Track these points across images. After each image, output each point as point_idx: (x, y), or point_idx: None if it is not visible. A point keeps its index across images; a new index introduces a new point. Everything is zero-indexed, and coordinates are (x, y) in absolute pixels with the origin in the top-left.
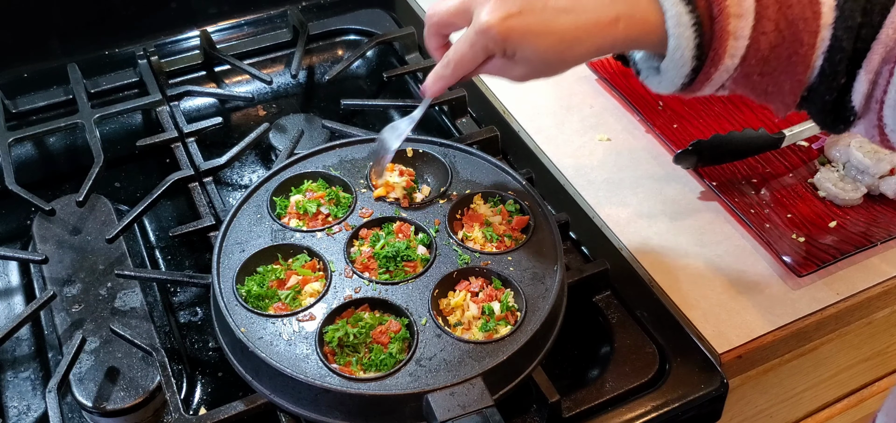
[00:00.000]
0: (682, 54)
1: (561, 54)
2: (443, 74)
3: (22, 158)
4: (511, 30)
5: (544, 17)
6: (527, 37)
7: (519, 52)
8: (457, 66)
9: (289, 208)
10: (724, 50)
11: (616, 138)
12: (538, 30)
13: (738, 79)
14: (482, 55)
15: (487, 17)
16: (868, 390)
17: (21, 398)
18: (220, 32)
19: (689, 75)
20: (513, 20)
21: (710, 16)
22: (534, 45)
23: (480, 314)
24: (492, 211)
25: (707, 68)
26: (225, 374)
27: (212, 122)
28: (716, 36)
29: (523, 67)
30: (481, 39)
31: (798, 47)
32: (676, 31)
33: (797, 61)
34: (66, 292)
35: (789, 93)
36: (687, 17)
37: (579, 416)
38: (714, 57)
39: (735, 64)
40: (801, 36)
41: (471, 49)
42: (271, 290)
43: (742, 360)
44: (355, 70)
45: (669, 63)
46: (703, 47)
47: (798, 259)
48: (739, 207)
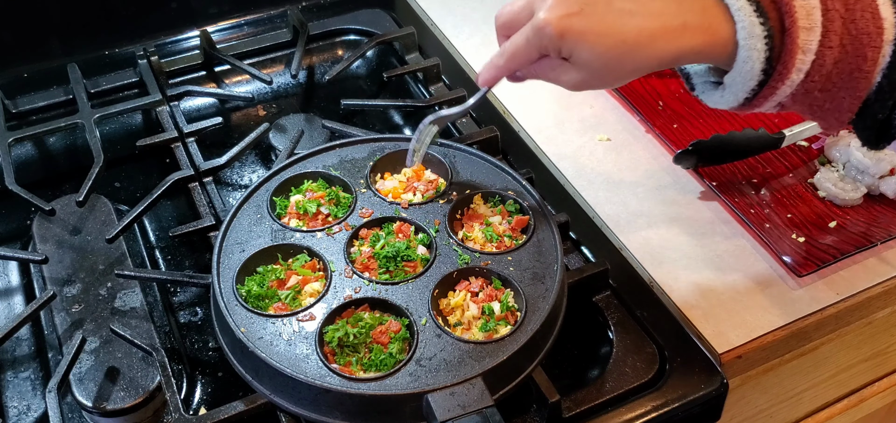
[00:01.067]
0: (752, 67)
1: (620, 59)
2: (496, 64)
3: (22, 158)
4: (569, 28)
5: (606, 18)
6: (585, 36)
7: (575, 54)
8: (510, 58)
9: (289, 208)
10: (792, 64)
11: (616, 138)
12: (598, 30)
13: (798, 95)
14: (536, 52)
15: (547, 13)
16: (868, 390)
17: (21, 398)
18: (220, 32)
19: (755, 89)
20: (572, 19)
21: (781, 27)
22: (592, 46)
23: (480, 314)
24: (492, 211)
25: (773, 82)
26: (225, 374)
27: (212, 122)
28: (786, 49)
29: (579, 72)
30: (537, 36)
31: (861, 63)
32: (748, 42)
33: (859, 77)
34: (66, 292)
35: (847, 110)
36: (759, 28)
37: (579, 416)
38: (782, 71)
39: (800, 78)
40: (864, 51)
41: (526, 44)
42: (271, 290)
43: (742, 360)
44: (355, 70)
45: (737, 76)
46: (771, 61)
47: (798, 259)
48: (739, 207)
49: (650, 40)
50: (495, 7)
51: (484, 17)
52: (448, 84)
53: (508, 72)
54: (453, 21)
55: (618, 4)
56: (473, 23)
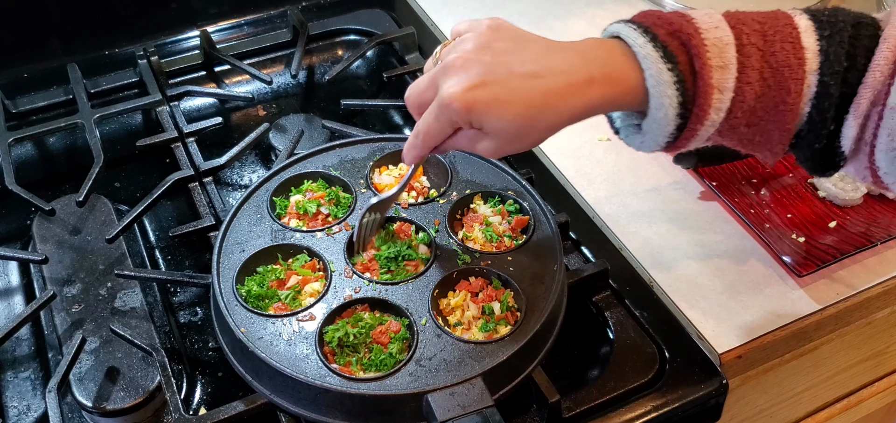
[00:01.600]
0: (666, 113)
1: (530, 122)
2: (414, 145)
3: (22, 158)
4: (474, 101)
5: (509, 86)
6: (491, 107)
7: (485, 124)
8: (426, 138)
9: (289, 208)
10: (708, 105)
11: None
12: (503, 98)
13: (724, 131)
14: (449, 127)
15: (450, 89)
16: (868, 390)
17: (21, 398)
18: (220, 32)
19: (674, 133)
20: (476, 90)
21: (691, 70)
22: (499, 115)
23: (480, 314)
24: (492, 211)
25: (692, 125)
26: (225, 374)
27: (212, 122)
28: (699, 91)
29: (492, 140)
30: (445, 112)
31: (785, 96)
32: (657, 89)
33: (785, 110)
34: (66, 292)
35: (778, 142)
36: (668, 74)
37: (579, 416)
38: (699, 113)
39: (721, 117)
40: (787, 84)
41: (436, 122)
42: (271, 290)
43: (742, 360)
44: (355, 70)
45: (652, 123)
46: (686, 105)
47: (798, 259)
48: (739, 207)
49: (558, 99)
50: (495, 7)
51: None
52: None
53: (427, 150)
54: (453, 21)
55: (519, 69)
56: None
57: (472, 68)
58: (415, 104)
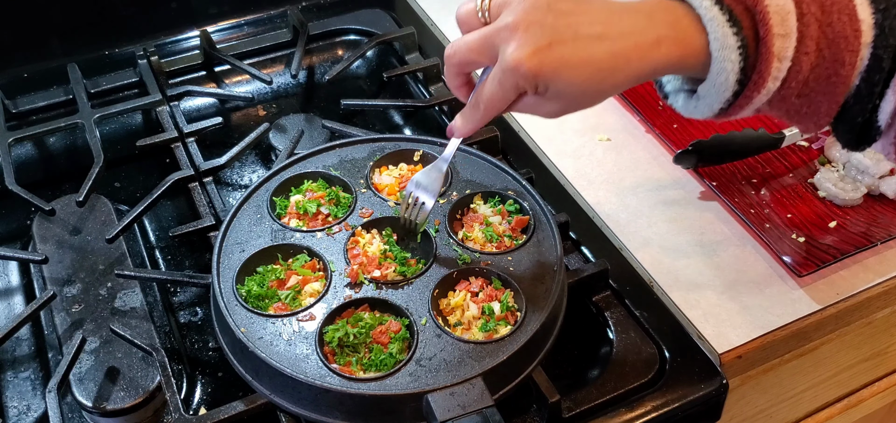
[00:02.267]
0: (727, 78)
1: (598, 85)
2: (472, 116)
3: (22, 158)
4: (542, 64)
5: (577, 47)
6: (560, 71)
7: (552, 88)
8: (487, 107)
9: (289, 208)
10: (768, 72)
11: (616, 138)
12: (572, 62)
13: (775, 101)
14: (513, 93)
15: (515, 52)
16: (868, 390)
17: (21, 398)
18: (220, 32)
19: (729, 100)
20: (543, 54)
21: (755, 37)
22: (568, 78)
23: (480, 314)
24: (492, 211)
25: (749, 92)
26: (225, 374)
27: (212, 122)
28: (761, 58)
29: (557, 103)
30: (511, 77)
31: (839, 68)
32: (722, 53)
33: (837, 82)
34: (66, 292)
35: (825, 114)
36: (733, 39)
37: (579, 416)
38: (758, 80)
39: (776, 86)
40: (842, 56)
41: (500, 88)
42: (271, 290)
43: (742, 360)
44: (355, 70)
45: (710, 87)
46: (747, 71)
47: (798, 259)
48: (739, 207)
49: (625, 62)
50: None
51: None
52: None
53: (487, 120)
54: (453, 21)
55: (585, 29)
56: None
57: (536, 30)
58: (460, 63)
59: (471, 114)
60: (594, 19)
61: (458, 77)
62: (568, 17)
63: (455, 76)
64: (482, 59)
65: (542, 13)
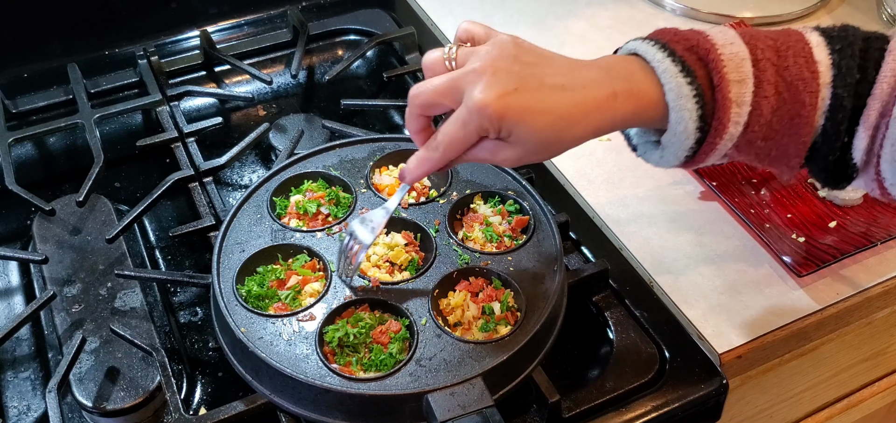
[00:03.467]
0: (686, 127)
1: (559, 134)
2: (429, 157)
3: (22, 158)
4: (507, 108)
5: (541, 96)
6: (524, 115)
7: (514, 133)
8: (447, 149)
9: (289, 208)
10: (727, 118)
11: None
12: (536, 108)
13: (741, 146)
14: (475, 135)
15: (482, 94)
16: (868, 390)
17: (21, 398)
18: (220, 32)
19: (693, 147)
20: (509, 98)
21: (710, 84)
22: (531, 124)
23: (480, 314)
24: (492, 211)
25: (711, 138)
26: (225, 374)
27: (212, 122)
28: (718, 105)
29: (517, 149)
30: (476, 119)
31: (800, 109)
32: (678, 103)
33: (800, 123)
34: (66, 292)
35: (794, 155)
36: (687, 88)
37: (579, 416)
38: (718, 127)
39: (739, 131)
40: (801, 97)
41: (463, 129)
42: (271, 290)
43: (742, 360)
44: (355, 70)
45: (672, 137)
46: (705, 118)
47: (798, 259)
48: (739, 207)
49: (584, 114)
50: (495, 7)
51: (483, 18)
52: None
53: (445, 162)
54: (453, 21)
55: (549, 80)
56: None
57: (503, 76)
58: (424, 104)
59: (428, 156)
60: (557, 71)
61: (419, 119)
62: (533, 67)
63: (416, 118)
64: (447, 101)
65: (508, 62)
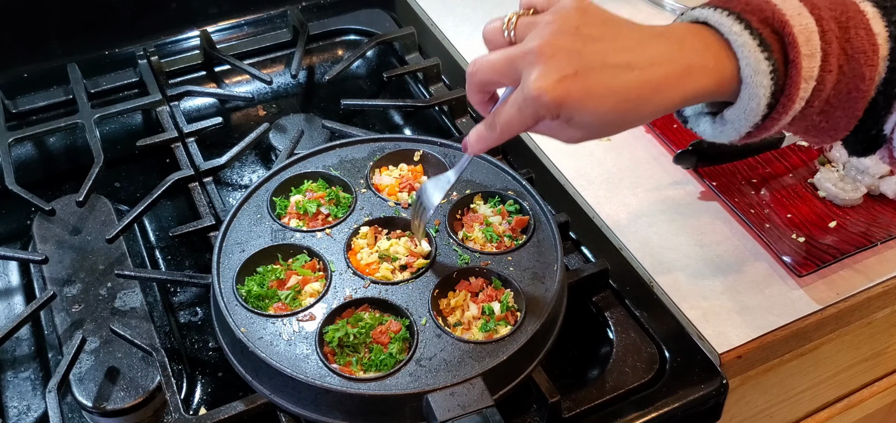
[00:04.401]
0: (758, 104)
1: (625, 115)
2: (487, 137)
3: (22, 158)
4: (567, 95)
5: (604, 77)
6: (585, 101)
7: (576, 117)
8: (503, 130)
9: (289, 208)
10: (796, 94)
11: (616, 138)
12: (598, 92)
13: (797, 120)
14: (532, 121)
15: (539, 81)
16: (868, 390)
17: (21, 398)
18: (220, 32)
19: (757, 123)
20: (568, 83)
21: (783, 59)
22: (593, 109)
23: (480, 314)
24: (492, 211)
25: (776, 114)
26: (225, 374)
27: (212, 122)
28: (790, 80)
29: (579, 131)
30: (532, 105)
31: (859, 82)
32: (754, 79)
33: (857, 97)
34: (66, 292)
35: (843, 128)
36: (765, 64)
37: (579, 416)
38: (786, 102)
39: (801, 106)
40: (862, 70)
41: (519, 114)
42: (271, 290)
43: (742, 360)
44: (355, 70)
45: (740, 113)
46: (776, 94)
47: (798, 259)
48: (739, 207)
49: (654, 92)
50: (495, 7)
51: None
52: (448, 84)
53: (501, 141)
54: (453, 21)
55: (613, 58)
56: (473, 23)
57: (562, 57)
58: (482, 81)
59: (486, 133)
60: (623, 46)
61: (480, 94)
62: (596, 43)
63: (476, 93)
64: (504, 81)
65: (569, 39)
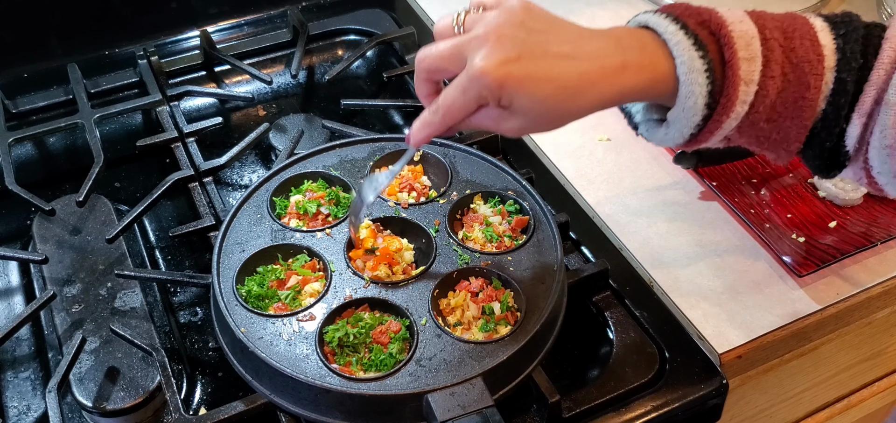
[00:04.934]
0: (695, 102)
1: (562, 104)
2: (430, 121)
3: (22, 158)
4: (508, 76)
5: (545, 64)
6: (524, 84)
7: (515, 102)
8: (446, 114)
9: (289, 208)
10: (736, 96)
11: (616, 138)
12: (538, 77)
13: (744, 127)
14: (474, 103)
15: (482, 62)
16: (868, 390)
17: (21, 398)
18: (220, 32)
19: (699, 125)
20: (510, 66)
21: (720, 60)
22: (532, 93)
23: (480, 314)
24: (492, 211)
25: (718, 116)
26: (225, 374)
27: (212, 122)
28: (728, 81)
29: (519, 119)
30: (475, 86)
31: (805, 91)
32: (689, 77)
33: (804, 106)
34: (66, 292)
35: (795, 139)
36: (700, 62)
37: (579, 416)
38: (726, 104)
39: (744, 110)
40: (807, 79)
41: (462, 95)
42: (271, 290)
43: (742, 360)
44: (355, 70)
45: (680, 113)
46: (714, 94)
47: (798, 259)
48: (739, 207)
49: (590, 84)
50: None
51: None
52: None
53: (444, 127)
54: None
55: (555, 48)
56: None
57: (506, 43)
58: (429, 68)
59: (430, 119)
60: (564, 39)
61: (427, 84)
62: (539, 34)
63: (423, 82)
64: (451, 67)
65: (514, 28)
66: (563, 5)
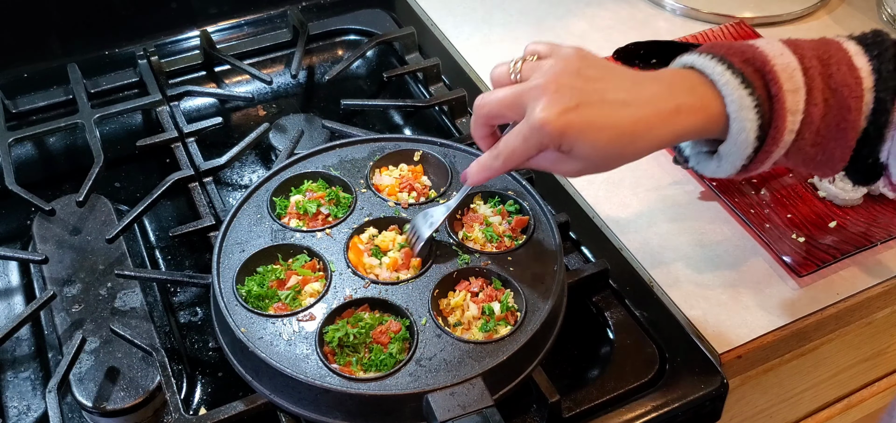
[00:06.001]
0: (746, 137)
1: (621, 149)
2: (491, 165)
3: (22, 158)
4: (568, 125)
5: (603, 112)
6: (585, 132)
7: (575, 148)
8: (507, 160)
9: (289, 208)
10: (784, 126)
11: None
12: (597, 124)
13: (792, 152)
14: (535, 150)
15: (543, 112)
16: (868, 390)
17: (21, 398)
18: (220, 32)
19: (750, 156)
20: (570, 115)
21: (768, 95)
22: (592, 141)
23: (480, 314)
24: (492, 211)
25: (768, 146)
26: (225, 374)
27: (212, 122)
28: (776, 114)
29: (578, 163)
30: (536, 135)
31: (846, 113)
32: (739, 114)
33: (847, 128)
34: (66, 292)
35: (839, 159)
36: (748, 99)
37: (579, 416)
38: (775, 135)
39: (792, 138)
40: (847, 102)
41: (524, 143)
42: (271, 290)
43: (742, 360)
44: (355, 70)
45: (732, 147)
46: (763, 127)
47: (798, 259)
48: (739, 207)
49: (647, 129)
50: (495, 6)
51: (484, 18)
52: (448, 84)
53: (504, 171)
54: (453, 21)
55: (611, 96)
56: (473, 23)
57: (565, 92)
58: (489, 115)
59: (489, 163)
60: (619, 86)
61: (484, 128)
62: (596, 82)
63: (481, 126)
64: (510, 114)
65: (571, 77)
66: (563, 6)
